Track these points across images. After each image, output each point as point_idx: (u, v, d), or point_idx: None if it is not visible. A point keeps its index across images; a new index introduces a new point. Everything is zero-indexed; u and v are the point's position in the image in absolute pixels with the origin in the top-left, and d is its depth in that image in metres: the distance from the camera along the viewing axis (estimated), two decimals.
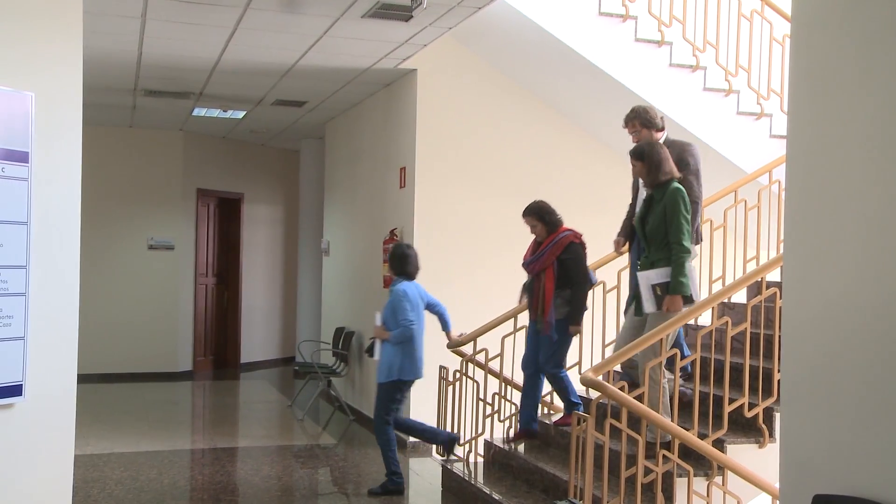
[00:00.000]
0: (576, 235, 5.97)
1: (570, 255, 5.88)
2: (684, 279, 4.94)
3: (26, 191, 4.36)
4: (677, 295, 4.94)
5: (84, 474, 6.38)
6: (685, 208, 5.01)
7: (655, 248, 5.10)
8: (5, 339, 4.26)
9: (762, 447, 5.03)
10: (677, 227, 4.97)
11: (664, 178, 5.11)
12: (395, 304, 6.10)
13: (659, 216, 5.07)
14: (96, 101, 9.29)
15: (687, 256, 4.98)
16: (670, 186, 5.08)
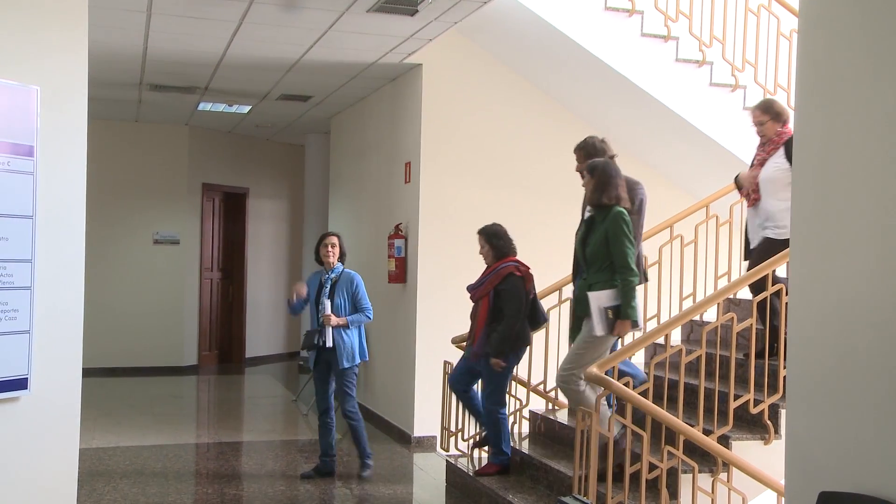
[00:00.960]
0: (518, 268, 5.75)
1: (507, 287, 5.70)
2: (634, 304, 4.90)
3: (31, 184, 4.36)
4: (627, 320, 4.89)
5: (89, 468, 6.40)
6: (628, 230, 4.92)
7: (595, 270, 5.02)
8: (11, 333, 4.27)
9: (767, 444, 5.02)
10: (622, 251, 4.89)
11: (607, 202, 5.02)
12: (357, 290, 6.42)
13: (600, 239, 4.99)
14: (102, 96, 9.30)
15: (635, 281, 4.91)
16: (613, 210, 4.98)
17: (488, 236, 5.87)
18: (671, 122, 7.18)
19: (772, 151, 5.54)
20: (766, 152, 5.59)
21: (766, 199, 5.51)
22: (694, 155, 7.56)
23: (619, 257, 4.90)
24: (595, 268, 5.01)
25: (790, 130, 5.50)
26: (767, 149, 5.58)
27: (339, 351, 6.28)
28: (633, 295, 4.88)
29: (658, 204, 7.83)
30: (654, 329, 5.23)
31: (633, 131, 7.88)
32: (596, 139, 5.64)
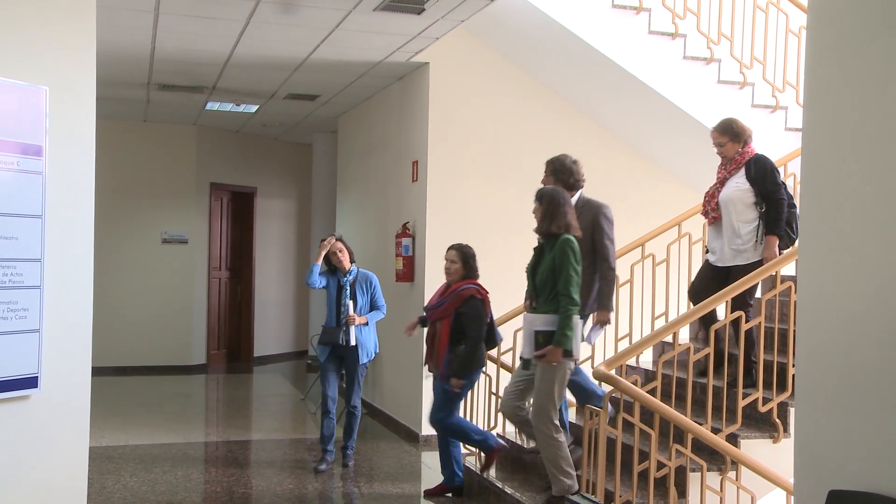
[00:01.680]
0: (479, 291, 5.78)
1: (469, 311, 5.73)
2: (570, 332, 4.80)
3: (41, 184, 4.37)
4: (559, 347, 4.80)
5: (99, 466, 6.42)
6: (575, 260, 4.86)
7: (544, 299, 4.96)
8: (21, 332, 4.28)
9: (777, 442, 5.01)
10: (566, 278, 4.83)
11: (556, 231, 4.97)
12: (375, 289, 6.77)
13: (548, 268, 4.93)
14: (110, 95, 9.32)
15: (575, 310, 4.82)
16: (560, 238, 4.93)
17: (466, 256, 5.85)
18: (679, 120, 7.16)
19: (733, 171, 5.52)
20: (727, 171, 5.56)
21: (728, 219, 5.48)
22: (702, 152, 7.53)
23: (562, 285, 4.83)
24: (544, 297, 4.95)
25: (752, 150, 5.50)
26: (729, 168, 5.56)
27: (360, 348, 6.61)
28: (569, 324, 4.78)
29: (664, 199, 7.85)
30: (663, 327, 5.22)
31: (640, 128, 7.87)
32: (569, 159, 5.56)
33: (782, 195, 5.33)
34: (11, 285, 4.22)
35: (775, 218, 5.27)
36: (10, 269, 4.21)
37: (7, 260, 4.21)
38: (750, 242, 5.34)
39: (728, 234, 5.48)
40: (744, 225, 5.38)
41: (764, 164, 5.39)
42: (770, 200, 5.31)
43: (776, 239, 5.27)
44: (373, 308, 6.75)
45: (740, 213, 5.40)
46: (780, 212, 5.29)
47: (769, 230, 5.28)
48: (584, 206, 5.44)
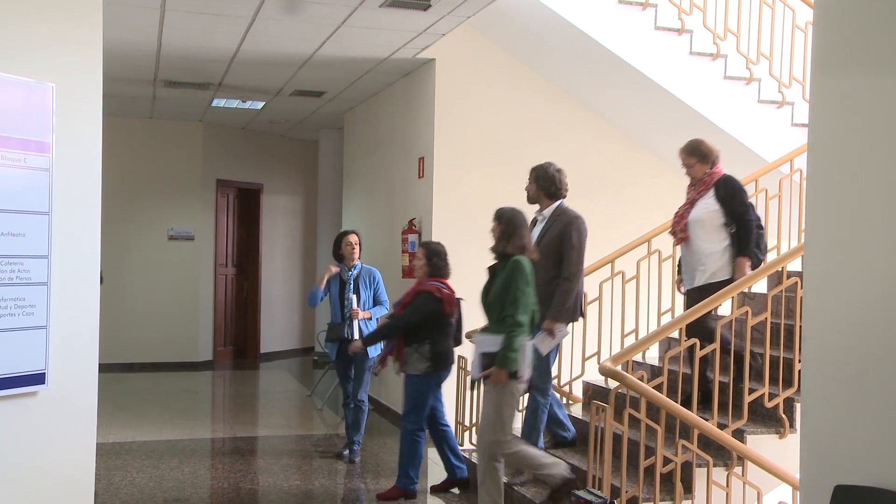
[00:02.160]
0: (438, 290, 5.73)
1: (414, 302, 5.77)
2: (513, 354, 4.71)
3: (47, 181, 4.39)
4: (503, 369, 4.74)
5: (106, 462, 6.45)
6: (523, 282, 4.79)
7: (495, 320, 4.90)
8: (28, 328, 4.30)
9: (782, 437, 5.00)
10: (513, 300, 4.77)
11: (511, 252, 4.92)
12: (378, 284, 6.83)
13: (500, 288, 4.88)
14: (116, 92, 9.34)
15: (520, 331, 4.75)
16: (512, 259, 4.88)
17: (430, 254, 5.84)
18: (686, 116, 7.15)
19: (702, 192, 5.47)
20: (696, 192, 5.53)
21: (697, 241, 5.44)
22: None
23: (509, 306, 4.78)
24: (494, 317, 4.90)
25: (720, 171, 5.46)
26: (698, 189, 5.51)
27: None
28: (512, 345, 4.71)
29: (670, 195, 7.82)
30: (669, 323, 5.21)
31: (647, 124, 7.86)
32: (553, 167, 5.53)
33: (751, 216, 5.29)
34: (19, 282, 4.24)
35: (745, 239, 5.25)
36: (18, 266, 4.23)
37: (14, 256, 4.23)
38: (719, 263, 5.31)
39: (697, 256, 5.44)
40: (713, 245, 5.34)
41: (732, 184, 5.35)
42: (740, 221, 5.28)
43: (747, 260, 5.23)
44: (376, 304, 6.79)
45: (709, 234, 5.36)
46: (750, 233, 5.26)
47: (740, 251, 5.25)
48: (560, 216, 5.42)
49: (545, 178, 5.50)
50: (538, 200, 5.57)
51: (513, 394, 4.84)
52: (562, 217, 5.43)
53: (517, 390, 4.87)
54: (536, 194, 5.56)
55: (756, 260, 5.31)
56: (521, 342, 4.77)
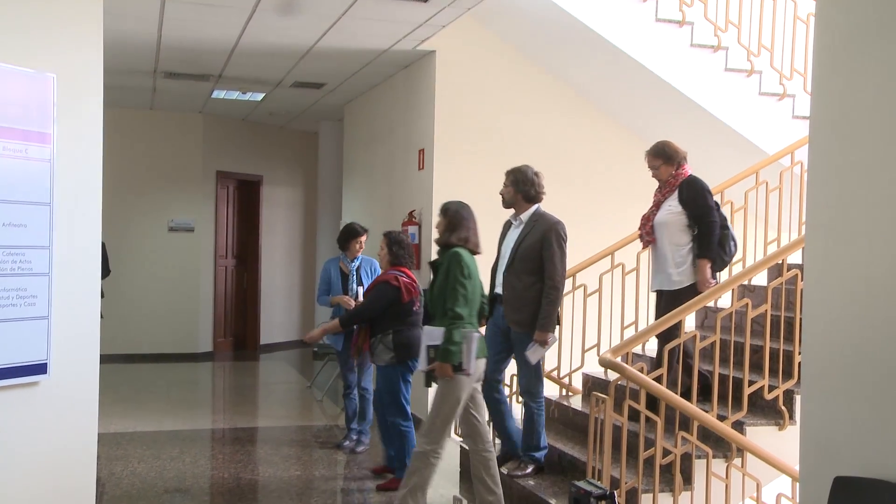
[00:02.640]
0: (396, 278, 5.79)
1: (372, 292, 5.89)
2: (454, 347, 4.70)
3: (48, 172, 4.40)
4: (446, 363, 4.73)
5: (108, 452, 6.46)
6: (461, 274, 4.77)
7: (440, 315, 4.85)
8: (29, 319, 4.31)
9: (782, 429, 5.02)
10: (452, 293, 4.75)
11: (455, 242, 4.91)
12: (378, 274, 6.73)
13: (441, 281, 4.86)
14: (117, 84, 9.33)
15: (460, 324, 4.72)
16: (452, 250, 4.86)
17: (390, 243, 5.91)
18: (686, 108, 7.15)
19: (667, 194, 5.46)
20: (661, 195, 5.51)
21: (662, 243, 5.44)
22: (708, 139, 7.52)
23: (449, 299, 4.76)
24: (439, 312, 4.86)
25: (686, 172, 5.43)
26: (663, 191, 5.50)
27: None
28: (452, 338, 4.70)
29: None
30: (668, 315, 5.21)
31: (647, 117, 7.85)
32: (531, 170, 5.45)
33: (714, 217, 5.25)
34: (20, 272, 4.25)
35: (707, 241, 5.21)
36: (19, 257, 4.23)
37: (16, 247, 4.24)
38: (683, 266, 5.30)
39: (662, 258, 5.45)
40: (677, 248, 5.33)
41: (695, 186, 5.32)
42: (701, 223, 5.24)
43: (708, 263, 5.21)
44: None
45: (673, 237, 5.35)
46: (712, 234, 5.22)
47: (700, 253, 5.22)
48: (538, 221, 5.36)
49: (524, 182, 5.41)
50: (515, 204, 5.48)
51: (457, 387, 4.80)
52: (541, 222, 5.35)
53: (463, 383, 4.81)
54: (514, 198, 5.46)
55: (720, 261, 5.28)
56: (463, 335, 4.73)
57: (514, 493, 5.44)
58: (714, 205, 5.29)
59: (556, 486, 5.30)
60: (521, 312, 5.27)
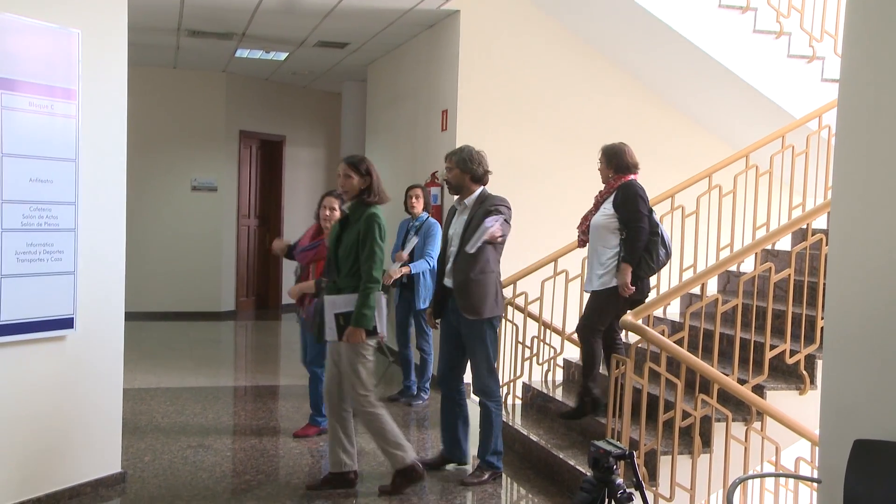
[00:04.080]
0: None
1: None
2: (368, 311, 4.59)
3: (74, 128, 4.42)
4: (360, 328, 4.60)
5: (132, 407, 6.57)
6: (380, 236, 4.63)
7: (345, 274, 4.69)
8: (56, 274, 4.37)
9: (803, 394, 5.01)
10: (370, 254, 4.60)
11: (370, 201, 4.71)
12: (431, 238, 6.85)
13: (353, 241, 4.66)
14: (140, 41, 9.33)
15: (375, 287, 4.60)
16: (369, 211, 4.69)
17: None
18: (714, 71, 7.06)
19: (605, 196, 5.40)
20: (601, 195, 5.47)
21: (594, 245, 5.41)
22: (734, 102, 7.43)
23: (365, 261, 4.61)
24: (345, 271, 4.69)
25: (627, 178, 5.32)
26: (603, 193, 5.45)
27: (415, 295, 6.89)
28: (367, 302, 4.57)
29: (695, 152, 7.78)
30: (691, 279, 5.20)
31: (673, 79, 7.76)
32: (473, 149, 5.13)
33: (642, 223, 5.17)
34: (47, 227, 4.30)
35: (632, 246, 5.16)
36: (46, 212, 4.29)
37: (43, 203, 4.28)
38: (607, 268, 5.26)
39: (592, 259, 5.43)
40: (605, 250, 5.29)
41: (628, 190, 5.24)
42: (629, 228, 5.19)
43: (629, 267, 5.16)
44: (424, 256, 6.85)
45: (603, 240, 5.32)
46: (638, 240, 5.16)
47: (624, 258, 5.19)
48: (484, 202, 5.01)
49: (470, 160, 5.03)
50: (462, 188, 5.08)
51: (366, 349, 4.71)
52: (487, 202, 5.00)
53: (369, 345, 4.72)
54: (461, 180, 5.05)
55: (647, 267, 5.22)
56: (378, 298, 4.65)
57: (534, 454, 5.48)
58: (646, 211, 5.23)
59: (574, 447, 5.33)
60: (474, 297, 4.96)
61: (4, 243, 4.11)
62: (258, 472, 5.31)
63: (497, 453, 5.17)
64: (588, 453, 3.13)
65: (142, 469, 5.21)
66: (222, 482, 5.09)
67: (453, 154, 5.11)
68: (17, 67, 4.12)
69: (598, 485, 3.06)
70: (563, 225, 6.65)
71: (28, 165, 4.19)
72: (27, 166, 4.18)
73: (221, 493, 4.90)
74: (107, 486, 4.78)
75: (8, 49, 4.08)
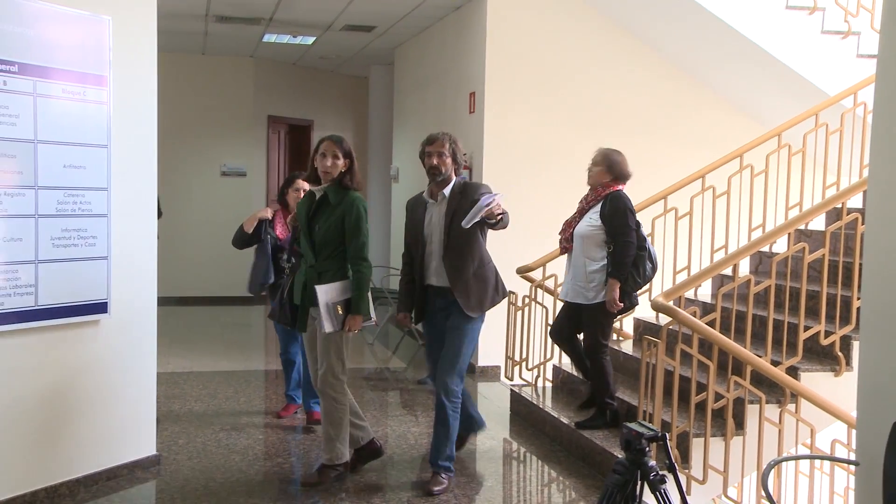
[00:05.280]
0: None
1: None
2: (367, 297, 4.51)
3: (106, 114, 4.45)
4: (359, 315, 4.50)
5: (166, 391, 6.64)
6: (366, 222, 4.51)
7: (325, 257, 4.51)
8: (90, 259, 4.42)
9: (838, 375, 4.96)
10: (363, 242, 4.47)
11: (349, 186, 4.53)
12: None
13: (335, 223, 4.48)
14: (169, 28, 9.36)
15: (370, 273, 4.52)
16: (353, 195, 4.52)
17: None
18: (744, 48, 6.96)
19: (591, 203, 5.25)
20: (586, 202, 5.31)
21: (578, 255, 5.24)
22: (766, 80, 7.33)
23: (357, 248, 4.48)
24: (325, 254, 4.52)
25: (616, 187, 5.19)
26: (588, 199, 5.29)
27: None
28: (367, 287, 4.51)
29: (726, 131, 7.69)
30: (722, 259, 5.16)
31: (703, 57, 7.66)
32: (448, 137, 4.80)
33: (630, 238, 5.04)
34: (81, 213, 4.35)
35: (620, 261, 5.03)
36: (79, 198, 4.33)
37: (76, 188, 4.33)
38: (594, 282, 5.13)
39: (575, 270, 5.30)
40: (592, 263, 5.15)
41: (618, 203, 5.09)
42: (617, 242, 5.05)
43: (618, 283, 5.04)
44: None
45: (589, 251, 5.18)
46: (626, 255, 5.03)
47: (612, 273, 5.06)
48: (466, 189, 4.66)
49: (457, 148, 4.74)
50: (445, 180, 4.70)
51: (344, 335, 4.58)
52: (470, 189, 4.63)
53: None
54: (451, 168, 4.71)
55: (633, 282, 5.11)
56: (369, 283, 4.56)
57: (564, 437, 5.48)
58: (634, 225, 5.10)
59: (606, 429, 5.32)
60: (478, 293, 4.63)
61: (40, 229, 4.16)
62: (290, 455, 5.35)
63: (450, 458, 4.78)
64: (620, 435, 3.12)
65: (176, 452, 5.27)
66: (255, 465, 5.14)
67: (446, 137, 4.73)
68: (50, 55, 4.15)
69: (631, 467, 3.05)
70: None
71: (62, 152, 4.23)
72: (61, 152, 4.22)
73: (254, 475, 4.95)
74: (142, 468, 4.85)
75: (42, 37, 4.11)
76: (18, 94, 4.03)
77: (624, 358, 6.10)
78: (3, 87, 3.97)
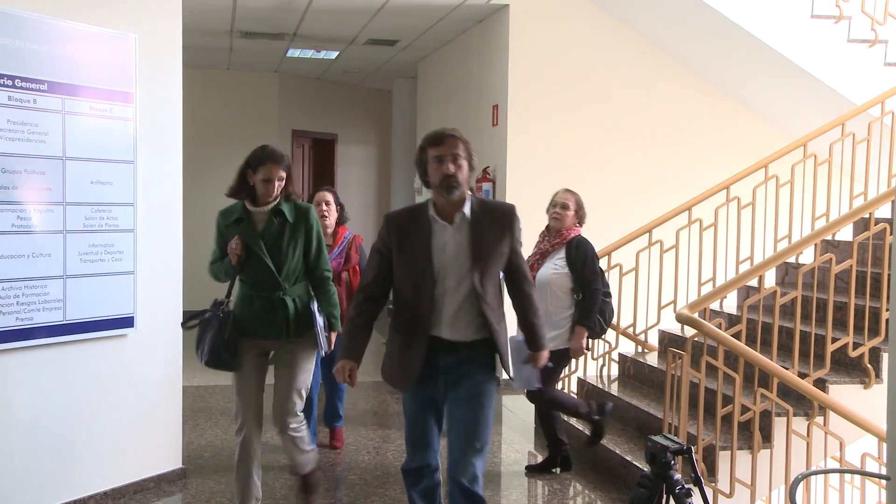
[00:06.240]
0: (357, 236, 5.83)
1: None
2: (337, 312, 4.28)
3: (132, 131, 4.51)
4: (335, 331, 4.35)
5: (191, 404, 6.68)
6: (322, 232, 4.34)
7: (295, 280, 4.14)
8: (117, 274, 4.47)
9: (868, 388, 4.89)
10: (324, 256, 4.23)
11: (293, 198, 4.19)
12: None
13: (300, 241, 4.11)
14: (195, 44, 9.48)
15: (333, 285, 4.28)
16: (302, 205, 4.19)
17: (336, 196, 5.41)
18: (770, 58, 6.93)
19: (556, 246, 5.12)
20: (550, 245, 5.15)
21: (543, 300, 4.77)
22: (793, 92, 7.28)
23: (325, 261, 4.23)
24: (295, 277, 4.15)
25: (578, 230, 5.13)
26: (552, 242, 5.15)
27: None
28: (337, 303, 4.29)
29: (751, 142, 7.65)
30: (748, 271, 5.11)
31: (729, 69, 7.64)
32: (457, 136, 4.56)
33: (598, 286, 4.99)
34: (108, 228, 4.40)
35: (589, 309, 4.96)
36: (106, 213, 4.38)
37: (103, 204, 4.38)
38: (560, 329, 5.01)
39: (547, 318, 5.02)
40: (558, 310, 5.04)
41: (585, 249, 5.02)
42: (587, 290, 4.98)
43: (585, 331, 4.97)
44: None
45: (555, 298, 5.05)
46: (595, 303, 4.96)
47: (580, 321, 4.97)
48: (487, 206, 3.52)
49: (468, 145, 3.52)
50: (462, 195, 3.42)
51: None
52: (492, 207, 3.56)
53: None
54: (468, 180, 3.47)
55: (599, 328, 5.07)
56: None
57: (590, 450, 5.45)
58: (599, 270, 5.06)
59: (631, 443, 5.29)
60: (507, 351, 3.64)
61: (68, 244, 4.21)
62: (315, 468, 5.35)
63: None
64: (645, 448, 3.10)
65: (202, 465, 5.29)
66: (279, 478, 5.15)
67: (459, 139, 3.50)
68: (78, 73, 4.21)
69: (656, 480, 3.03)
70: (615, 218, 6.61)
71: (89, 168, 4.29)
72: (88, 169, 4.28)
73: (279, 489, 4.96)
74: (169, 481, 4.88)
75: (70, 56, 4.18)
76: (47, 112, 4.10)
77: (649, 370, 6.06)
78: (33, 105, 4.04)
